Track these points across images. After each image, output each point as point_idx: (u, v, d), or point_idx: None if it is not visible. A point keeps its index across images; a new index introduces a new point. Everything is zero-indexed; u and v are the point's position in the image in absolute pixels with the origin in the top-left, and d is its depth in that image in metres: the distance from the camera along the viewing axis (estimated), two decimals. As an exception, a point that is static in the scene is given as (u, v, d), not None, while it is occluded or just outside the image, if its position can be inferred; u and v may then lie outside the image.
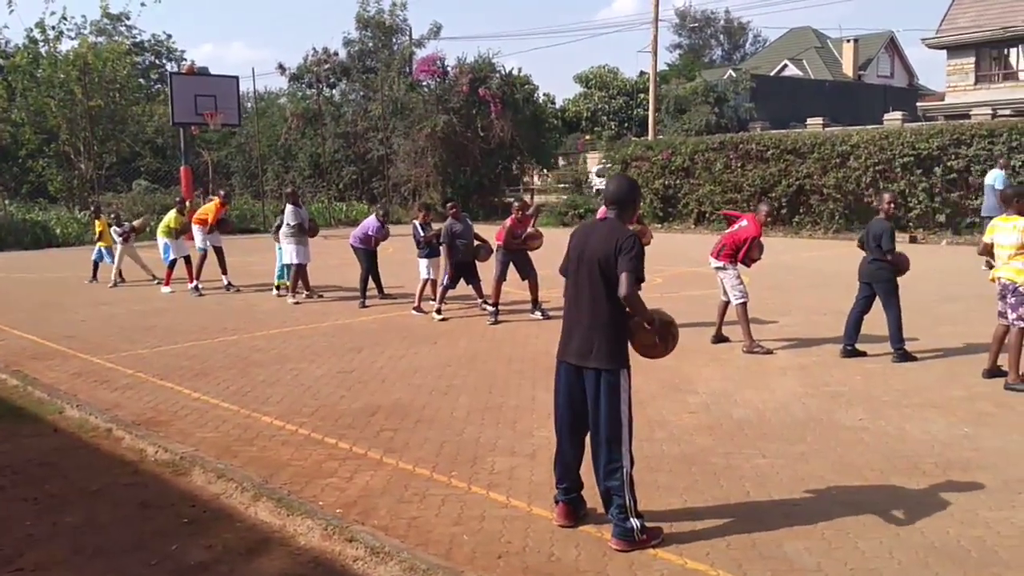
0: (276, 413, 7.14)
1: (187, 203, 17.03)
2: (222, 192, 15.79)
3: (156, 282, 15.67)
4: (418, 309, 12.11)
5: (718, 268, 9.61)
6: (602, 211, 4.77)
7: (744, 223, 9.56)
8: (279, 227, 13.78)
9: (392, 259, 16.47)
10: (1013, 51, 38.81)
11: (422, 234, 12.04)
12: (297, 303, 13.20)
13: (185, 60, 50.54)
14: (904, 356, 8.65)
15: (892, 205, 8.97)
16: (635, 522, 4.50)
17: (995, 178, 16.47)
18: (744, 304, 9.37)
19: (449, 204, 12.11)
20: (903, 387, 7.71)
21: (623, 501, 4.51)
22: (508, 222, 11.57)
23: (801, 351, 9.26)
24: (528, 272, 11.55)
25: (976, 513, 4.88)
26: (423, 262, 12.16)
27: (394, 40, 39.82)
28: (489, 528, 4.79)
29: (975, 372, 8.04)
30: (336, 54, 40.36)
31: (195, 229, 14.90)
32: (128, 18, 46.92)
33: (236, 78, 29.31)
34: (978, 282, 8.34)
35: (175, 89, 27.29)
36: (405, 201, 34.83)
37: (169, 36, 54.38)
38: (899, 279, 8.81)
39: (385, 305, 12.95)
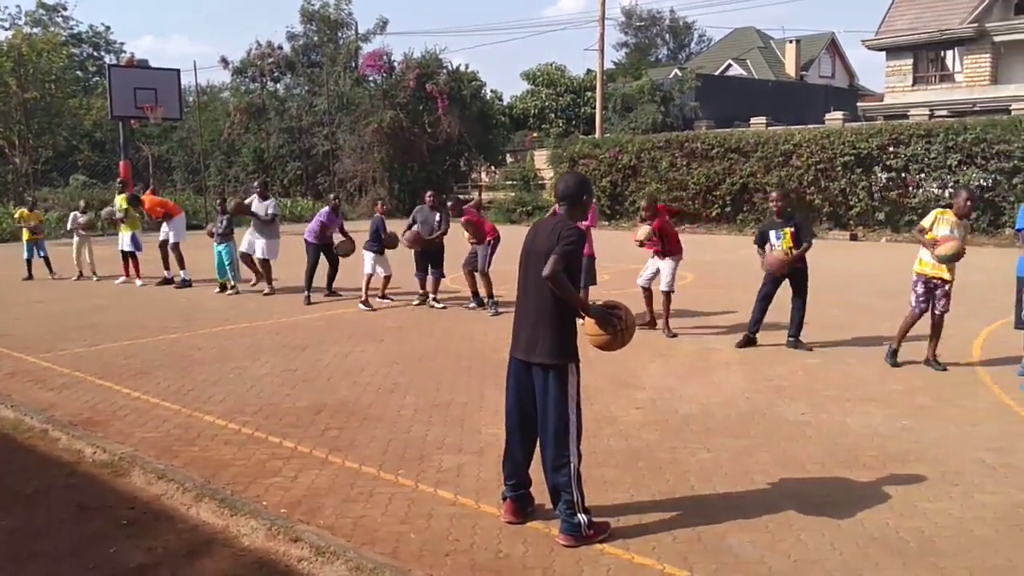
0: (218, 412, 7.01)
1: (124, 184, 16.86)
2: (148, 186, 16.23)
3: (96, 279, 15.43)
4: (365, 303, 12.10)
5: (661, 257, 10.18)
6: (557, 207, 4.78)
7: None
8: (227, 227, 13.59)
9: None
10: (949, 53, 39.83)
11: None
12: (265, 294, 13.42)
13: (124, 52, 49.62)
14: (749, 341, 9.33)
15: (777, 203, 9.31)
16: (582, 518, 4.50)
17: None
18: (670, 294, 10.03)
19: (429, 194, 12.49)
20: (844, 381, 7.86)
21: (571, 497, 4.51)
22: (474, 216, 11.82)
23: (747, 347, 9.36)
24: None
25: (914, 504, 4.99)
26: (368, 256, 12.18)
27: (339, 34, 39.49)
28: (436, 526, 4.76)
29: (915, 366, 8.24)
30: (280, 48, 39.95)
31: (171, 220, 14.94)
32: (65, 9, 45.90)
33: (177, 71, 28.80)
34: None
35: (114, 82, 26.71)
36: (351, 197, 34.58)
37: (108, 28, 53.22)
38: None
39: (331, 302, 12.81)
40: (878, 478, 5.42)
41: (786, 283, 9.20)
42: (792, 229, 9.00)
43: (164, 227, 14.86)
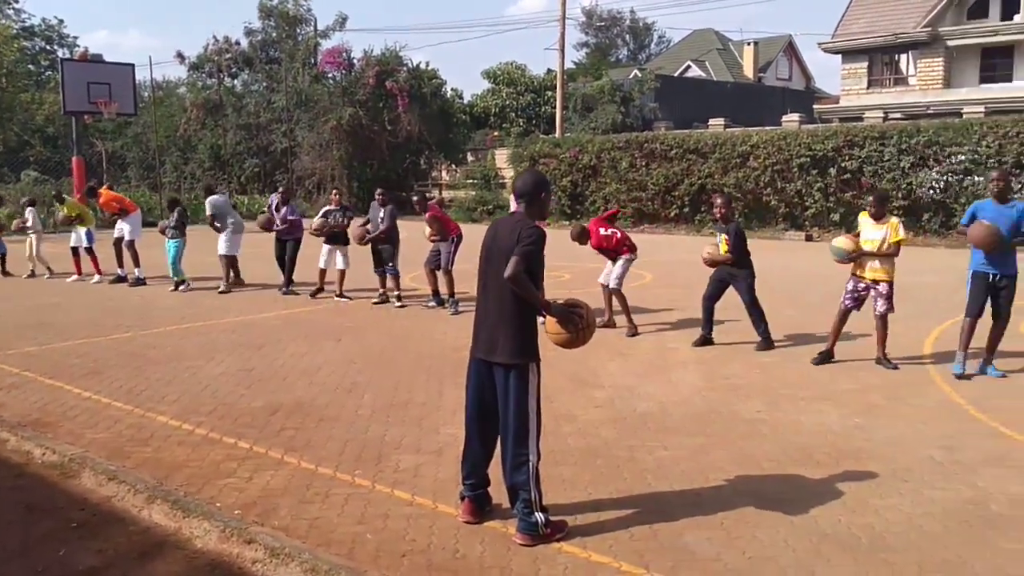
0: (172, 412, 6.91)
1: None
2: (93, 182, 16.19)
3: (47, 276, 15.17)
4: (313, 295, 12.63)
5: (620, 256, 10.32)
6: (514, 206, 4.77)
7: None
8: (178, 220, 13.56)
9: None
10: (903, 57, 40.57)
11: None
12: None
13: (78, 46, 48.66)
14: (705, 341, 9.45)
15: (720, 210, 9.50)
16: (539, 516, 4.51)
17: None
18: (619, 291, 10.20)
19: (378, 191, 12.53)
20: (798, 380, 7.95)
21: (528, 495, 4.51)
22: (440, 213, 11.89)
23: (703, 346, 9.43)
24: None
25: (866, 501, 5.06)
26: (323, 248, 12.68)
27: (298, 30, 39.21)
28: (393, 527, 4.73)
29: (867, 365, 8.37)
30: (238, 43, 39.57)
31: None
32: (16, 1, 44.86)
33: (132, 66, 28.36)
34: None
35: (67, 76, 26.25)
36: (309, 195, 34.31)
37: (61, 21, 52.20)
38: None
39: (288, 301, 12.70)
40: (831, 475, 5.49)
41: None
42: (726, 236, 9.24)
43: (119, 224, 14.65)
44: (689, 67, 55.14)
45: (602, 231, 10.20)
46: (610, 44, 78.77)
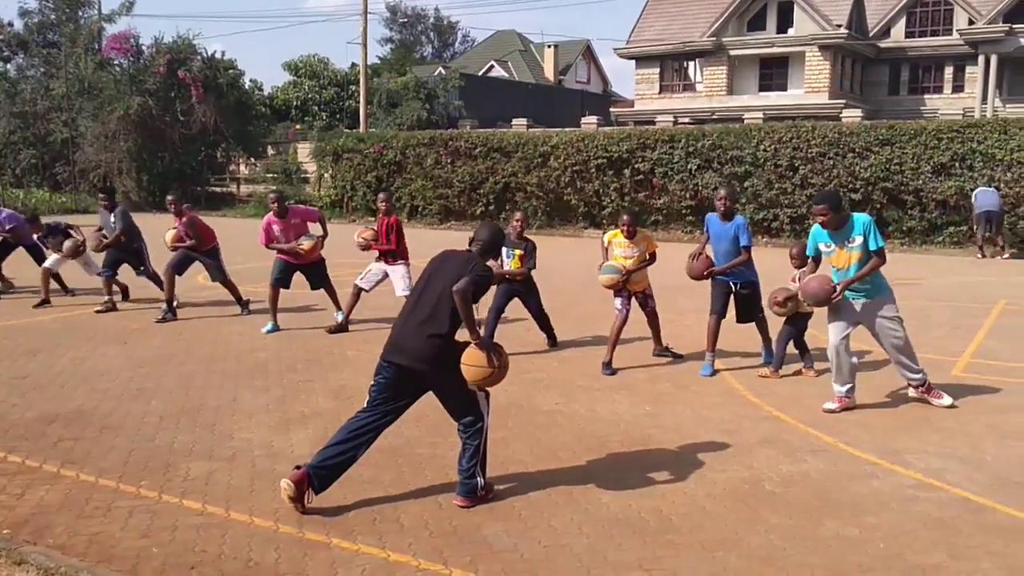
0: (-71, 427, 6.27)
1: None
2: None
3: None
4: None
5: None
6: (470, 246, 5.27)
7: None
8: None
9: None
10: (691, 64, 43.10)
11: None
12: None
13: None
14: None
15: (519, 224, 9.18)
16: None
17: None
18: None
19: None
20: (595, 372, 8.25)
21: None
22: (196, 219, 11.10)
23: (503, 341, 9.56)
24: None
25: (655, 485, 5.32)
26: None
27: (80, 13, 36.63)
28: (182, 538, 4.51)
29: (656, 357, 8.80)
30: (11, 25, 36.52)
31: None
32: None
33: None
34: (659, 275, 9.11)
35: None
36: (94, 188, 32.09)
37: None
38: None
39: (68, 302, 11.83)
40: (623, 462, 5.73)
41: None
42: (521, 252, 9.00)
43: None
44: (492, 67, 56.06)
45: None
46: (415, 41, 78.80)
